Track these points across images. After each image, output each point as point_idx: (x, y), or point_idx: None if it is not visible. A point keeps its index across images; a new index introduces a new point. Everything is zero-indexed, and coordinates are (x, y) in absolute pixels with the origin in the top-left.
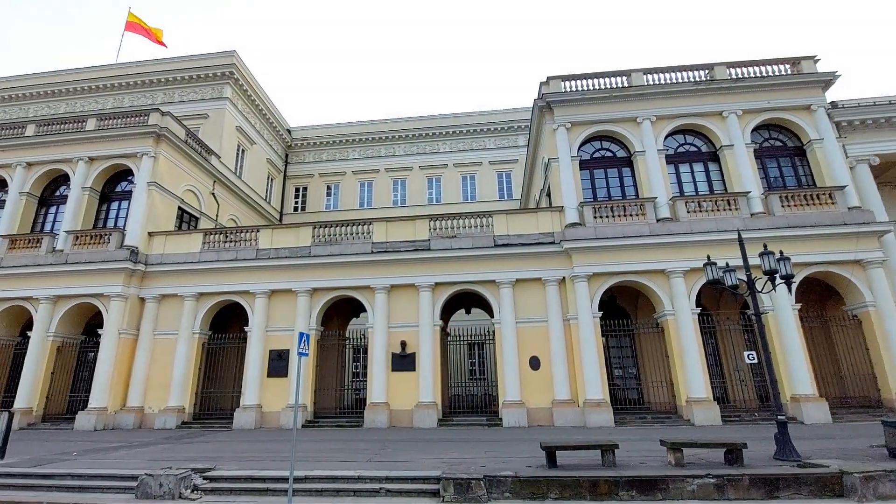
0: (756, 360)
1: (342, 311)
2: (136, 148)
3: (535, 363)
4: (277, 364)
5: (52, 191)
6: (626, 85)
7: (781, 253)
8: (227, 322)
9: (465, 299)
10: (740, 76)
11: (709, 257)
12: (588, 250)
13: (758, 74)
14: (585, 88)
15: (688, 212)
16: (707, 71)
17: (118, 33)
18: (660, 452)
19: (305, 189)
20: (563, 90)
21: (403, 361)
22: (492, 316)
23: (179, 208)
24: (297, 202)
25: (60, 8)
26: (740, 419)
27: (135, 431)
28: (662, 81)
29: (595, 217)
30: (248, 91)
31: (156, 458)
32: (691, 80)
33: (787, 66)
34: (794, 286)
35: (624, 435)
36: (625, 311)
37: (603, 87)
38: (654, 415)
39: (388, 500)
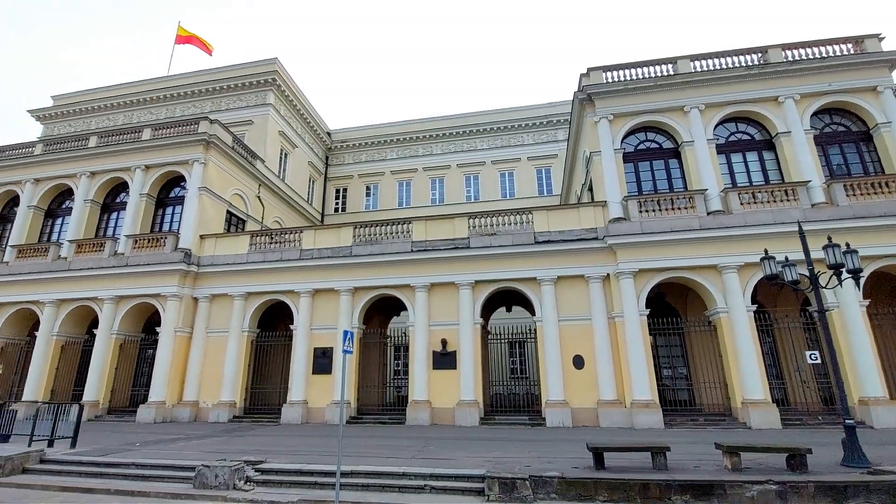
0: (819, 360)
1: (383, 309)
2: (187, 155)
3: (578, 362)
4: (322, 361)
5: (112, 198)
6: (671, 73)
7: (848, 245)
8: (274, 320)
9: (506, 297)
10: (797, 58)
11: (766, 251)
12: (633, 246)
13: (816, 56)
14: (628, 78)
15: (741, 204)
16: (760, 54)
17: (168, 45)
18: (714, 456)
19: (345, 190)
20: (605, 81)
21: (444, 359)
22: (533, 314)
23: (228, 211)
24: (337, 203)
25: (113, 24)
26: (802, 423)
27: (190, 424)
28: (711, 67)
29: (640, 211)
30: (290, 96)
31: (211, 450)
32: (743, 64)
33: (849, 46)
34: (861, 281)
35: (674, 437)
36: (674, 308)
37: (647, 76)
38: (706, 417)
39: (432, 497)
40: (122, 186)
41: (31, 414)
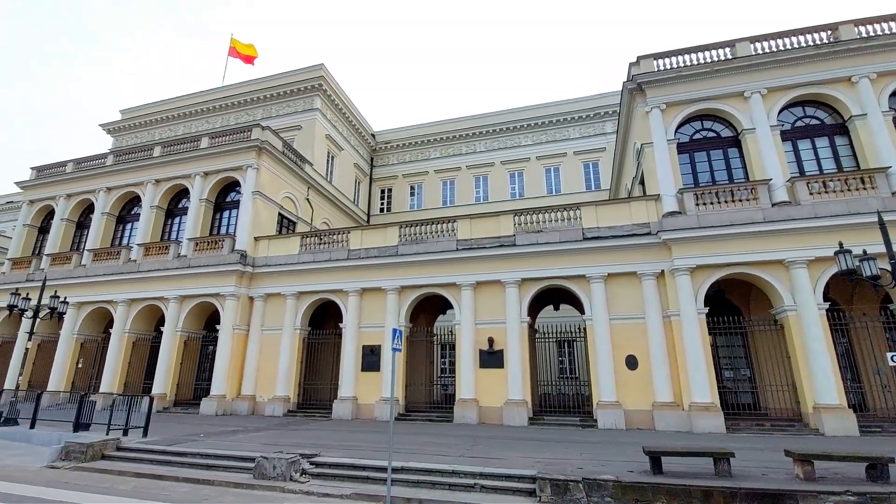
0: None
1: (429, 308)
2: (241, 161)
3: (632, 362)
4: (370, 359)
5: (175, 203)
6: (729, 57)
7: None
8: (324, 319)
9: (554, 295)
10: (872, 34)
11: (841, 244)
12: (690, 241)
13: (894, 31)
14: (682, 65)
15: (810, 193)
16: (829, 32)
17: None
18: (783, 464)
19: (390, 190)
20: (656, 69)
21: (491, 358)
22: (582, 312)
23: (279, 214)
24: (382, 203)
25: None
26: (882, 430)
27: (248, 417)
28: (773, 49)
29: (697, 204)
30: (335, 100)
31: (268, 443)
32: (810, 43)
33: None
34: None
35: (737, 443)
36: (735, 306)
37: (701, 61)
38: (772, 422)
39: (482, 497)
40: (183, 192)
41: (108, 405)
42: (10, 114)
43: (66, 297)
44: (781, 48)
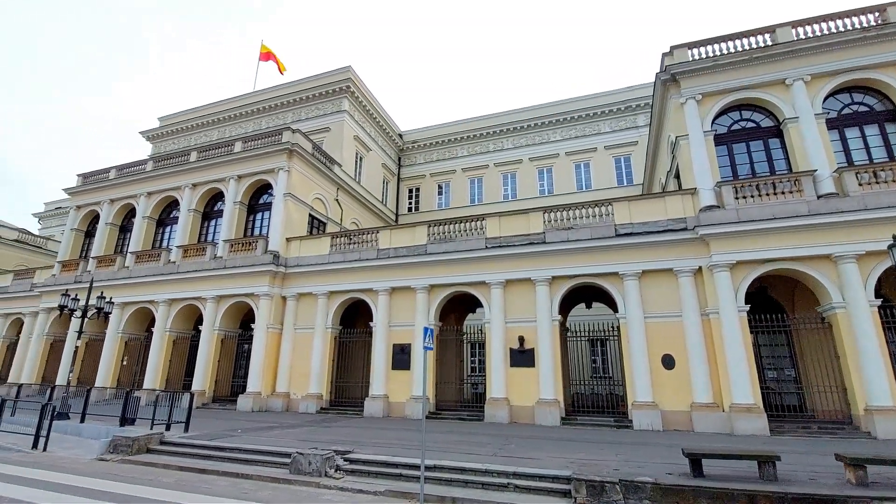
0: None
1: (458, 306)
2: (273, 164)
3: (668, 362)
4: (400, 357)
5: (211, 206)
6: (769, 43)
7: None
8: (355, 318)
9: (585, 293)
10: None
11: (895, 238)
12: (729, 236)
13: None
14: (717, 54)
15: (860, 185)
16: (877, 14)
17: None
18: (832, 468)
19: (418, 189)
20: (691, 59)
21: (522, 357)
22: (615, 310)
23: (310, 215)
24: (410, 203)
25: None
26: None
27: (283, 414)
28: (816, 34)
29: (736, 198)
30: (363, 101)
31: (303, 439)
32: (856, 27)
33: None
34: None
35: (782, 445)
36: (778, 304)
37: (739, 49)
38: (819, 424)
39: (516, 496)
40: (218, 196)
41: (151, 401)
42: (59, 122)
43: (111, 298)
44: (825, 32)
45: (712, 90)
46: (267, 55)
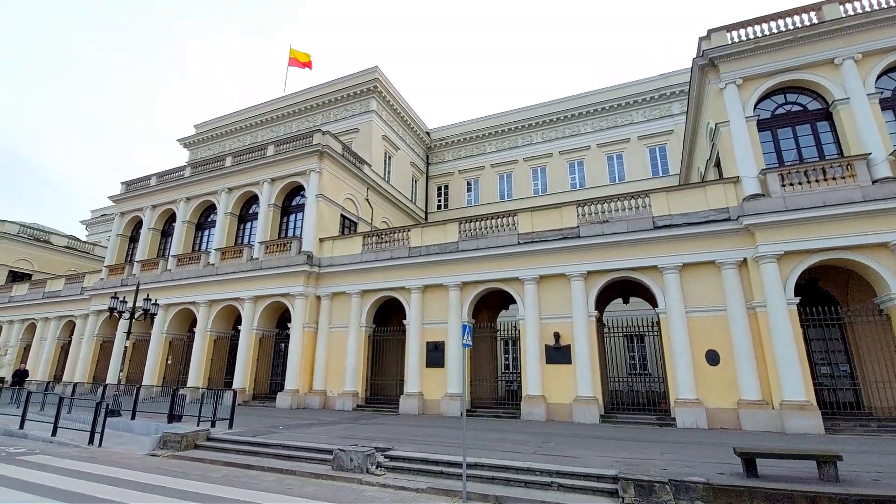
0: None
1: (491, 303)
2: (304, 166)
3: (712, 358)
4: (434, 355)
5: (246, 209)
6: (815, 21)
7: None
8: (388, 316)
9: (622, 288)
10: None
11: None
12: (775, 225)
13: None
14: (758, 35)
15: None
16: None
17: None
18: None
19: (446, 187)
20: (730, 42)
21: (558, 354)
22: (654, 305)
23: (341, 215)
24: (439, 200)
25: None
26: None
27: (320, 411)
28: (867, 9)
29: (783, 185)
30: (390, 101)
31: (342, 436)
32: None
33: None
34: None
35: (840, 445)
36: (831, 296)
37: (782, 29)
38: (879, 422)
39: (560, 495)
40: (253, 199)
41: (195, 398)
42: (105, 131)
43: (155, 300)
44: (875, 8)
45: (754, 73)
46: (296, 60)
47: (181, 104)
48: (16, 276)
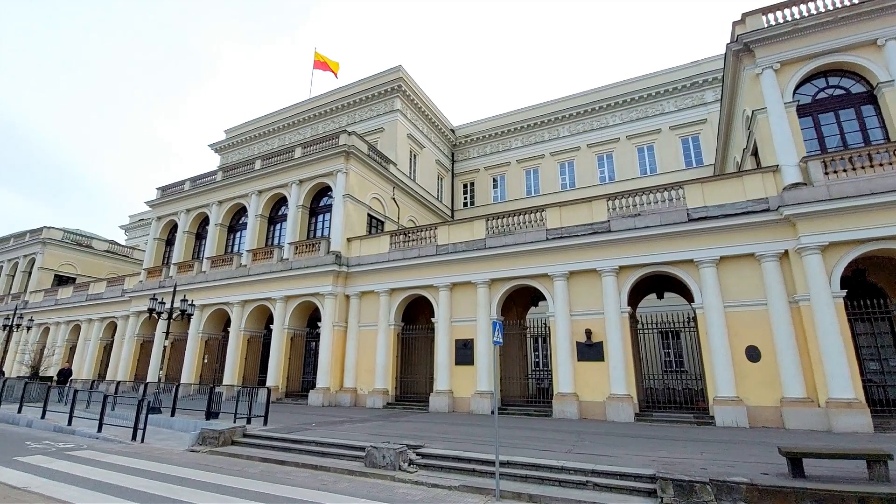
0: None
1: (520, 300)
2: (331, 167)
3: (753, 354)
4: (463, 353)
5: (276, 211)
6: (855, 1)
7: None
8: (416, 314)
9: (656, 283)
10: None
11: None
12: (818, 215)
13: None
14: (796, 17)
15: None
16: None
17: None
18: None
19: (472, 184)
20: (766, 25)
21: (590, 351)
22: (689, 300)
23: (368, 214)
24: (465, 198)
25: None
26: None
27: (351, 408)
28: None
29: (826, 173)
30: (414, 99)
31: (373, 433)
32: None
33: None
34: None
35: (890, 444)
36: (879, 288)
37: (821, 10)
38: None
39: (596, 494)
40: (282, 201)
41: (230, 396)
42: (141, 141)
43: (192, 301)
44: None
45: (792, 57)
46: (320, 63)
47: (211, 110)
48: (61, 280)
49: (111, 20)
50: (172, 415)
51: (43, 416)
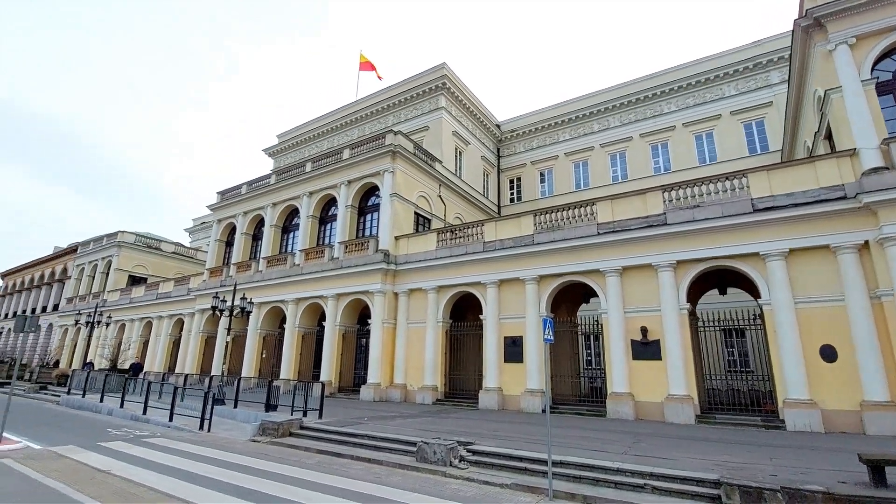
0: None
1: (570, 296)
2: (378, 167)
3: (828, 354)
4: (512, 350)
5: (326, 211)
6: None
7: None
8: (464, 311)
9: (717, 278)
10: None
11: None
12: None
13: None
14: None
15: None
16: None
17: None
18: None
19: (519, 179)
20: None
21: (646, 349)
22: (755, 296)
23: (415, 213)
24: (512, 193)
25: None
26: None
27: (401, 404)
28: None
29: None
30: (459, 96)
31: (423, 429)
32: None
33: None
34: None
35: None
36: None
37: None
38: None
39: (654, 498)
40: (332, 201)
41: (287, 390)
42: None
43: (250, 299)
44: None
45: (869, 31)
46: (365, 64)
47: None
48: (134, 280)
49: (118, 23)
50: (235, 406)
51: (121, 406)
